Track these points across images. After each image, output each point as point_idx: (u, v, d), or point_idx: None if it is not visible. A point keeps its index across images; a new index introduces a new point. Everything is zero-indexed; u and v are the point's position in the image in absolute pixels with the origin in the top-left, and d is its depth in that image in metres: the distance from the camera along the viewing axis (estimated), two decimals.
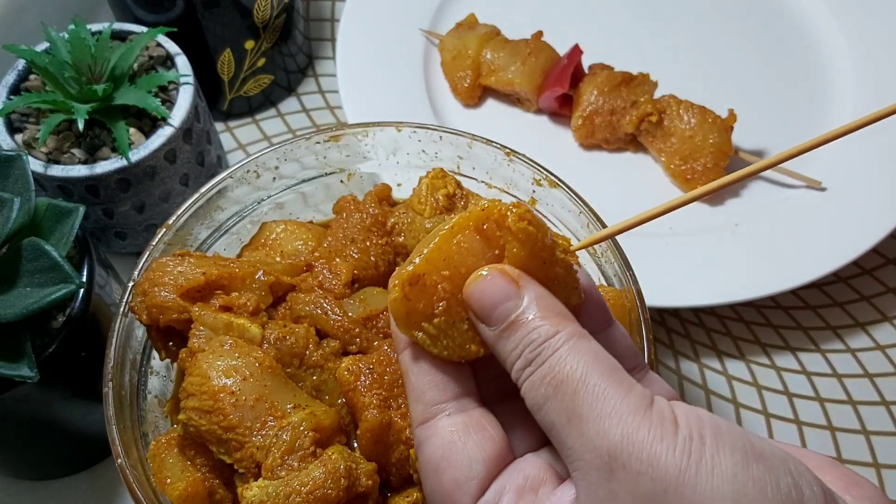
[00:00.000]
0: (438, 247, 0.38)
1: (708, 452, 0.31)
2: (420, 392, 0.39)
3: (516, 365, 0.36)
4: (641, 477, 0.31)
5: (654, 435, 0.32)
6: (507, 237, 0.37)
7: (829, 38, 0.96)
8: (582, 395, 0.33)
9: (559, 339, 0.35)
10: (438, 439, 0.37)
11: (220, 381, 0.48)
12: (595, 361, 0.34)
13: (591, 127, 0.87)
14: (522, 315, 0.36)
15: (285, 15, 0.87)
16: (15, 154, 0.58)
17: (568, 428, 0.33)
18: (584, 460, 0.33)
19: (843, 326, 0.81)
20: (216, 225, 0.63)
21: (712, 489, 0.31)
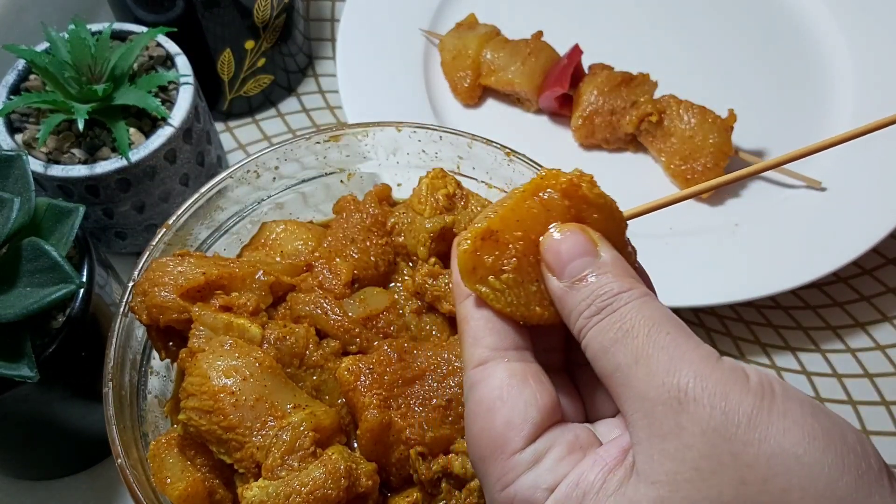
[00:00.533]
0: (512, 208, 0.38)
1: (779, 400, 0.32)
2: (480, 336, 0.39)
3: (585, 313, 0.36)
4: (713, 410, 0.32)
5: (727, 377, 0.33)
6: (581, 205, 0.38)
7: (829, 38, 0.96)
8: (654, 339, 0.34)
9: (632, 294, 0.36)
10: (496, 380, 0.37)
11: (220, 381, 0.48)
12: (667, 317, 0.35)
13: (591, 127, 0.87)
14: (598, 270, 0.37)
15: (285, 15, 0.87)
16: (15, 154, 0.58)
17: (635, 368, 0.34)
18: (650, 398, 0.33)
19: (843, 326, 0.81)
20: (216, 225, 0.63)
21: (784, 430, 0.31)
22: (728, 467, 0.31)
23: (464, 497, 0.48)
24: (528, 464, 0.35)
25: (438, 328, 0.57)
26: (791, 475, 0.31)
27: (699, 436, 0.32)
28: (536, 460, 0.35)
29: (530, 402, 0.36)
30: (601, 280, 0.36)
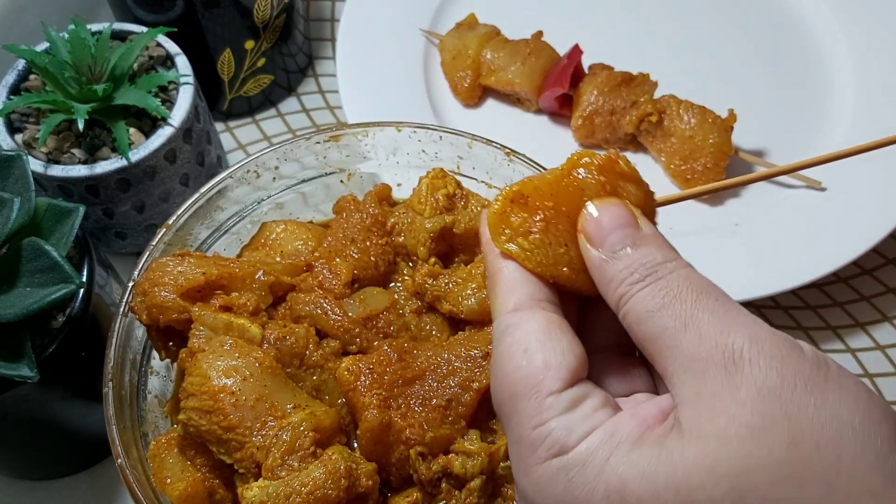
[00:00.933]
0: (549, 182, 0.39)
1: (834, 372, 0.32)
2: (518, 283, 0.38)
3: (627, 280, 0.36)
4: (770, 371, 0.31)
5: (782, 342, 0.33)
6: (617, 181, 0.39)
7: (830, 38, 0.96)
8: (703, 303, 0.34)
9: (677, 263, 0.36)
10: (535, 324, 0.37)
11: (220, 381, 0.48)
12: (714, 286, 0.35)
13: (591, 127, 0.87)
14: (640, 241, 0.37)
15: (285, 15, 0.87)
16: (15, 154, 0.58)
17: (684, 331, 0.33)
18: (702, 359, 0.32)
19: (843, 326, 0.81)
20: (216, 225, 0.63)
21: (840, 399, 0.31)
22: (781, 427, 0.31)
23: (464, 497, 0.48)
24: (565, 408, 0.35)
25: (438, 328, 0.57)
26: (844, 443, 0.30)
27: (754, 394, 0.31)
28: (573, 406, 0.35)
29: (568, 349, 0.36)
30: (644, 250, 0.36)
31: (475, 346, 0.51)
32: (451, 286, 0.55)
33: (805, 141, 0.89)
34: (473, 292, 0.55)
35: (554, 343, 0.36)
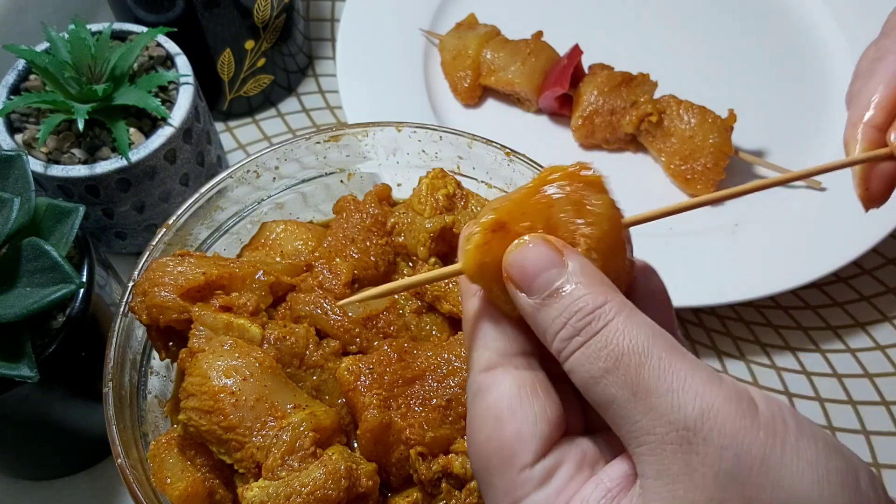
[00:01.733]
0: (518, 201, 0.37)
1: (792, 436, 0.31)
2: (489, 339, 0.37)
3: (561, 334, 0.34)
4: (726, 452, 0.30)
5: (735, 410, 0.31)
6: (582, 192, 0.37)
7: (830, 38, 0.96)
8: (648, 368, 0.32)
9: (609, 309, 0.33)
10: (505, 389, 0.35)
11: (220, 382, 0.48)
12: (655, 335, 0.33)
13: (591, 127, 0.87)
14: (567, 283, 0.34)
15: (285, 15, 0.87)
16: (15, 154, 0.58)
17: (633, 402, 0.32)
18: (656, 434, 0.31)
19: (843, 326, 0.81)
20: (216, 225, 0.63)
21: (798, 471, 0.30)
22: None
23: (464, 497, 0.48)
24: (538, 481, 0.34)
25: (438, 328, 0.57)
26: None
27: (711, 479, 0.30)
28: (546, 478, 0.34)
29: (540, 416, 0.35)
30: (574, 293, 0.34)
31: None
32: (451, 286, 0.55)
33: (805, 141, 0.89)
34: None
35: (525, 411, 0.35)
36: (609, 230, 0.36)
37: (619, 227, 0.37)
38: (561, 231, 0.37)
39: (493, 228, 0.36)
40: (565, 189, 0.37)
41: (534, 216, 0.36)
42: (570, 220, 0.36)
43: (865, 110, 0.40)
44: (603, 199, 0.37)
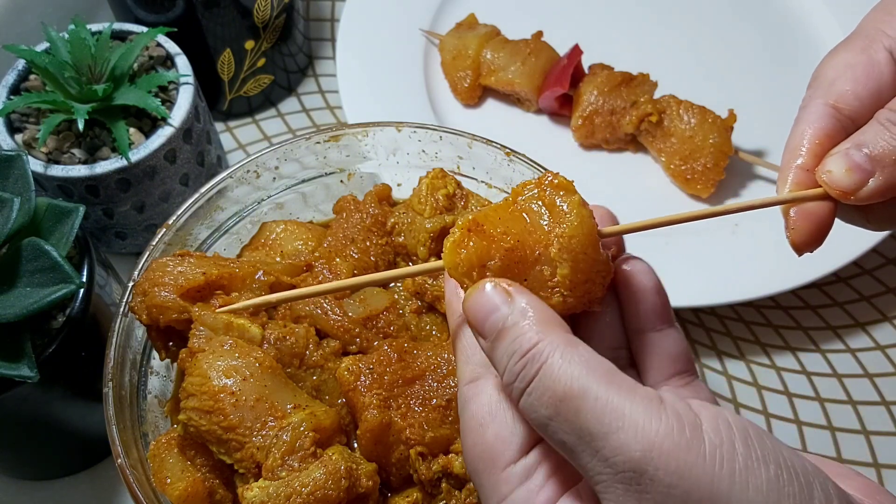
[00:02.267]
0: (494, 208, 0.39)
1: (741, 462, 0.31)
2: (471, 353, 0.39)
3: (506, 377, 0.35)
4: (673, 490, 0.30)
5: (679, 442, 0.31)
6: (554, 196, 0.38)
7: (830, 38, 0.96)
8: (585, 412, 0.32)
9: (544, 347, 0.34)
10: (486, 397, 0.38)
11: (220, 382, 0.48)
12: (589, 369, 0.33)
13: (591, 127, 0.87)
14: (509, 322, 0.36)
15: (285, 15, 0.87)
16: (15, 154, 0.58)
17: (581, 446, 0.32)
18: (605, 474, 0.32)
19: (843, 326, 0.81)
20: (216, 225, 0.63)
21: (747, 500, 0.30)
22: None
23: (464, 497, 0.48)
24: (521, 478, 0.36)
25: (438, 328, 0.57)
26: None
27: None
28: (527, 475, 0.36)
29: (518, 418, 0.36)
30: (514, 332, 0.35)
31: None
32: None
33: None
34: None
35: (505, 415, 0.37)
36: (580, 228, 0.38)
37: (590, 225, 0.38)
38: (535, 233, 0.38)
39: (470, 228, 0.38)
40: (537, 195, 0.39)
41: (508, 221, 0.39)
42: (542, 222, 0.38)
43: (796, 156, 0.42)
44: (572, 199, 0.38)
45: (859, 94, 0.41)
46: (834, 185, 0.40)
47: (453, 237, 0.39)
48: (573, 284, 0.38)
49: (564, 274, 0.38)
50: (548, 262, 0.38)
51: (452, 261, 0.39)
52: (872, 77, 0.41)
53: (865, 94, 0.41)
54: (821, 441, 0.74)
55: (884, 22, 0.43)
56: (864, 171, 0.39)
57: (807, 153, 0.42)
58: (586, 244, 0.38)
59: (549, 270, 0.38)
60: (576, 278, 0.38)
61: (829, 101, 0.42)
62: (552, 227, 0.38)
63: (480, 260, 0.38)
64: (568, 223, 0.38)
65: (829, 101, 0.42)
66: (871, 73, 0.41)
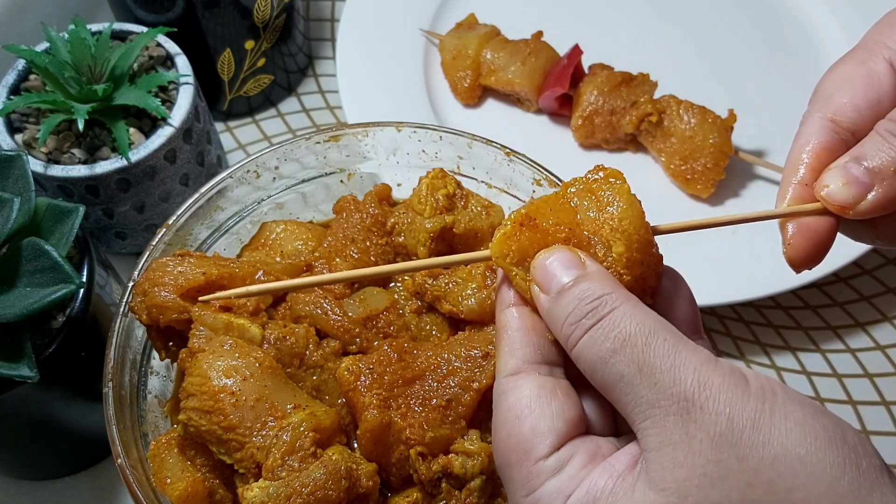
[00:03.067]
0: (545, 200, 0.41)
1: (780, 401, 0.33)
2: (515, 347, 0.40)
3: (569, 319, 0.37)
4: (719, 417, 0.33)
5: (728, 381, 0.34)
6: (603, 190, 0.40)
7: (830, 38, 0.96)
8: (653, 347, 0.35)
9: (616, 297, 0.37)
10: (527, 390, 0.38)
11: (220, 382, 0.48)
12: (658, 321, 0.36)
13: (591, 127, 0.87)
14: (581, 277, 0.38)
15: (285, 15, 0.87)
16: (15, 154, 0.58)
17: (640, 378, 0.35)
18: (660, 407, 0.34)
19: (843, 326, 0.81)
20: (216, 225, 0.63)
21: (786, 431, 0.33)
22: (735, 471, 0.32)
23: (464, 497, 0.48)
24: (552, 471, 0.36)
25: (438, 328, 0.57)
26: (795, 475, 0.32)
27: (707, 443, 0.33)
28: (559, 468, 0.36)
29: (557, 414, 0.37)
30: (584, 285, 0.37)
31: (475, 345, 0.51)
32: (451, 286, 0.55)
33: None
34: (473, 292, 0.55)
35: (543, 409, 0.38)
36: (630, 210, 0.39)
37: (641, 210, 0.40)
38: (587, 223, 0.40)
39: (522, 222, 0.40)
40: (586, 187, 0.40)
41: (560, 213, 0.40)
42: (591, 213, 0.40)
43: (795, 171, 0.43)
44: (622, 187, 0.40)
45: (858, 105, 0.42)
46: (832, 200, 0.41)
47: (504, 230, 0.40)
48: (629, 262, 0.39)
49: (620, 252, 0.39)
50: (601, 243, 0.40)
51: (501, 251, 0.40)
52: (872, 88, 0.42)
53: (864, 105, 0.42)
54: None
55: (884, 34, 0.44)
56: (863, 184, 0.40)
57: (806, 168, 0.43)
58: (638, 225, 0.39)
59: (602, 251, 0.39)
60: (631, 256, 0.39)
61: (827, 115, 0.43)
62: (603, 213, 0.40)
63: (534, 251, 0.40)
64: (618, 207, 0.39)
65: (827, 114, 0.43)
66: (869, 84, 0.42)
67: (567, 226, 0.40)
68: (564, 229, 0.40)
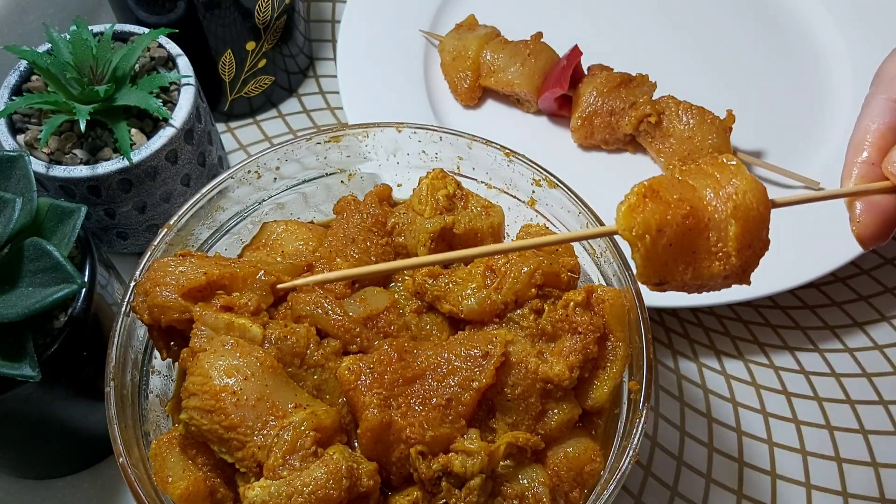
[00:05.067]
0: (664, 176, 0.42)
1: None
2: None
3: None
4: None
5: None
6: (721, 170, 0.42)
7: (828, 38, 0.97)
8: None
9: None
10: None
11: (221, 381, 0.48)
12: None
13: (591, 127, 0.87)
14: None
15: (286, 16, 0.87)
16: (17, 154, 0.58)
17: None
18: None
19: (842, 326, 0.81)
20: (217, 225, 0.63)
21: None
22: None
23: (464, 495, 0.49)
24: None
25: (438, 328, 0.57)
26: None
27: None
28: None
29: None
30: None
31: (475, 345, 0.51)
32: (451, 286, 0.56)
33: (803, 141, 0.89)
34: (473, 292, 0.55)
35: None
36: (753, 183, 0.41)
37: (761, 185, 0.42)
38: (707, 201, 0.41)
39: (645, 194, 0.41)
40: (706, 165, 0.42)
41: (681, 188, 0.42)
42: (710, 191, 0.41)
43: (860, 151, 0.44)
44: (741, 165, 0.42)
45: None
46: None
47: (628, 202, 0.41)
48: (740, 245, 0.41)
49: (735, 233, 0.40)
50: (716, 227, 0.41)
51: (627, 224, 0.41)
52: None
53: None
54: (819, 440, 0.74)
55: None
56: None
57: (871, 147, 0.44)
58: (759, 200, 0.41)
59: (715, 236, 0.41)
60: (743, 239, 0.41)
61: (891, 97, 0.44)
62: (724, 191, 0.41)
63: (658, 224, 0.41)
64: (741, 181, 0.41)
65: (891, 96, 0.44)
66: None
67: (689, 202, 0.41)
68: (686, 205, 0.41)
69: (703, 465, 0.72)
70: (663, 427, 0.75)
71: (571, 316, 0.52)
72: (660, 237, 0.40)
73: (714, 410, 0.76)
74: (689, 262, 0.42)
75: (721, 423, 0.75)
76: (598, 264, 0.60)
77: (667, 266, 0.41)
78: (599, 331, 0.53)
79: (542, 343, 0.54)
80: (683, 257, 0.41)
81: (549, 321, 0.53)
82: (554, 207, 0.63)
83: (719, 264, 0.41)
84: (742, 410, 0.76)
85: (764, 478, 0.72)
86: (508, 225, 0.64)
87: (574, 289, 0.56)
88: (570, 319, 0.52)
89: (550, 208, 0.63)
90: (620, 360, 0.54)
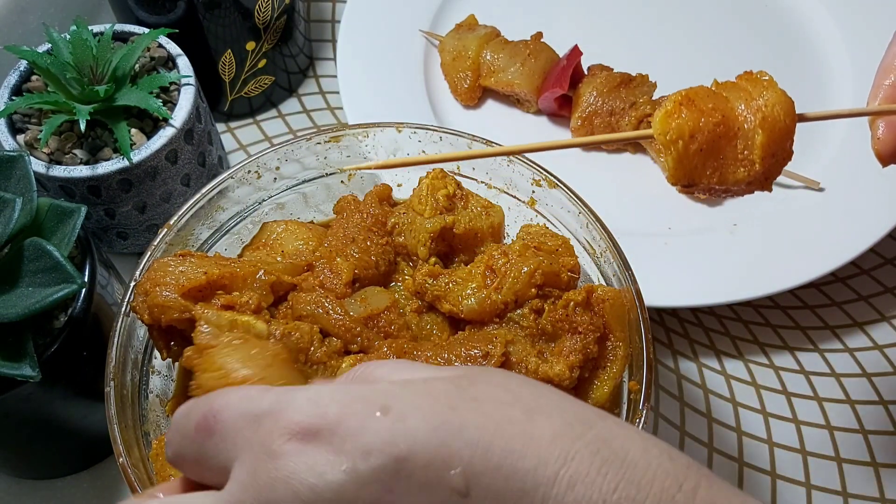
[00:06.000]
0: (697, 89, 0.44)
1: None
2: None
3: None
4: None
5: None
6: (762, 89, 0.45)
7: (828, 39, 0.97)
8: None
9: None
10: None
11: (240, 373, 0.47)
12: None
13: (591, 128, 0.87)
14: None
15: (286, 16, 0.87)
16: (17, 154, 0.58)
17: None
18: None
19: (842, 326, 0.81)
20: (217, 225, 0.63)
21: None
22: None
23: None
24: None
25: (439, 328, 0.57)
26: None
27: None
28: None
29: None
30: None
31: (475, 345, 0.51)
32: (452, 286, 0.56)
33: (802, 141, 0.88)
34: (473, 292, 0.55)
35: None
36: (783, 96, 0.44)
37: (790, 99, 0.44)
38: (738, 112, 0.44)
39: (682, 102, 0.44)
40: (740, 81, 0.45)
41: (715, 99, 0.44)
42: (742, 104, 0.44)
43: (888, 75, 0.47)
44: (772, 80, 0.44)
45: None
46: None
47: (665, 108, 0.44)
48: (764, 154, 0.43)
49: (761, 142, 0.43)
50: (744, 136, 0.44)
51: (663, 128, 0.43)
52: None
53: None
54: (819, 440, 0.74)
55: None
56: None
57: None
58: (787, 112, 0.43)
59: (742, 144, 0.43)
60: (768, 148, 0.43)
61: None
62: (756, 100, 0.44)
63: (691, 131, 0.43)
64: (771, 94, 0.44)
65: None
66: None
67: (721, 112, 0.43)
68: (718, 114, 0.43)
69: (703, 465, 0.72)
70: (663, 427, 0.75)
71: (571, 316, 0.52)
72: (692, 142, 0.43)
73: (714, 410, 0.76)
74: (716, 167, 0.45)
75: (721, 423, 0.75)
76: (598, 264, 0.60)
77: (696, 169, 0.44)
78: (599, 331, 0.53)
79: (543, 343, 0.54)
80: (712, 162, 0.44)
81: (549, 321, 0.53)
82: (554, 207, 0.63)
83: (744, 170, 0.44)
84: (742, 410, 0.76)
85: (764, 478, 0.72)
86: (508, 225, 0.64)
87: (574, 289, 0.56)
88: (571, 319, 0.52)
89: (550, 208, 0.63)
90: (620, 360, 0.54)
